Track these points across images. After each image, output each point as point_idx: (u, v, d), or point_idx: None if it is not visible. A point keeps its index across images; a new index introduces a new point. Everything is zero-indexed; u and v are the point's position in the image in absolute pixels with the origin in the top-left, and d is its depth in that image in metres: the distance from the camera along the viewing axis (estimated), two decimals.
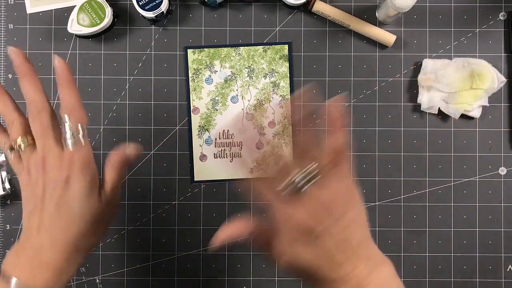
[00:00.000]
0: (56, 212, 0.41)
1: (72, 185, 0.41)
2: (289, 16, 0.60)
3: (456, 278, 0.59)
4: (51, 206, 0.41)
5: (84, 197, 0.42)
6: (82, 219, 0.42)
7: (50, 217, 0.41)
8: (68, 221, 0.41)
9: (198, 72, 0.60)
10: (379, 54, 0.60)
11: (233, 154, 0.60)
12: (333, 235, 0.40)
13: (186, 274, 0.60)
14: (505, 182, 0.60)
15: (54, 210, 0.41)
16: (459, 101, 0.58)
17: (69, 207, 0.41)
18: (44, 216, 0.41)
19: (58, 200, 0.41)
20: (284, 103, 0.52)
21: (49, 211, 0.41)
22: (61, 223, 0.41)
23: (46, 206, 0.41)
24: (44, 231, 0.41)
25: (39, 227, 0.41)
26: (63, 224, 0.41)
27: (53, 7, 0.60)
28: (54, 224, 0.41)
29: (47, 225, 0.41)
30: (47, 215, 0.41)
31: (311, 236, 0.40)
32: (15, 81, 0.60)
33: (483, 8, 0.60)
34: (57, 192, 0.41)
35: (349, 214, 0.41)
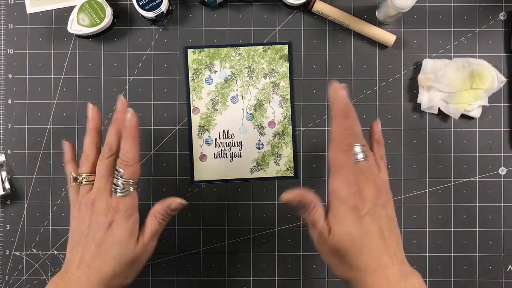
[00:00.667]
0: (96, 251, 0.46)
1: (114, 230, 0.46)
2: (289, 16, 0.60)
3: (456, 278, 0.59)
4: (92, 245, 0.46)
5: (123, 242, 0.47)
6: (117, 261, 0.46)
7: (90, 255, 0.46)
8: (105, 261, 0.46)
9: (198, 72, 0.60)
10: (379, 54, 0.60)
11: (233, 154, 0.60)
12: (377, 219, 0.43)
13: (186, 274, 0.60)
14: (505, 182, 0.60)
15: (94, 249, 0.46)
16: (459, 101, 0.58)
17: (108, 249, 0.46)
18: (85, 253, 0.46)
19: (99, 241, 0.46)
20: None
21: (90, 249, 0.46)
22: (99, 262, 0.46)
23: (89, 244, 0.46)
24: (83, 267, 0.46)
25: (79, 263, 0.46)
26: (100, 263, 0.46)
27: (53, 7, 0.60)
28: (93, 262, 0.46)
29: (87, 261, 0.46)
30: (88, 253, 0.46)
31: (358, 213, 0.43)
32: (15, 81, 0.60)
33: (483, 8, 0.60)
34: (100, 234, 0.46)
35: (390, 207, 0.45)
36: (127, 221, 0.47)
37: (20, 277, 0.60)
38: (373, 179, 0.44)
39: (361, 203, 0.43)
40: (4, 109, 0.60)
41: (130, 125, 0.48)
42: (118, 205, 0.47)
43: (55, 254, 0.60)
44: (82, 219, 0.47)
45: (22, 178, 0.60)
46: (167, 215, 0.50)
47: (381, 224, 0.43)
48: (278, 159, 0.60)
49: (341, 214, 0.43)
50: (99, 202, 0.47)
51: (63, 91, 0.60)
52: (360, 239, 0.42)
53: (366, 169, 0.44)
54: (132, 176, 0.48)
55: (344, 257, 0.43)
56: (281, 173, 0.60)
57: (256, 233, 0.60)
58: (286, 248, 0.60)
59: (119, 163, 0.48)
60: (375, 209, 0.43)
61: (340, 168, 0.43)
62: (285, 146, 0.60)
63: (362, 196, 0.43)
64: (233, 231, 0.60)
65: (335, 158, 0.44)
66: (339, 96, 0.44)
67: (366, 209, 0.43)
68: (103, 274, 0.46)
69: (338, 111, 0.44)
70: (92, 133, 0.51)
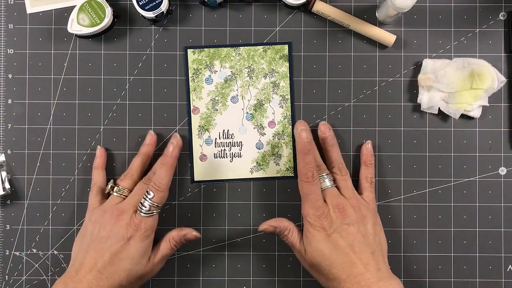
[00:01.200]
0: (110, 261, 0.50)
1: (131, 246, 0.50)
2: (289, 16, 0.60)
3: (456, 278, 0.59)
4: (107, 254, 0.50)
5: (136, 258, 0.50)
6: (127, 274, 0.50)
7: (103, 263, 0.49)
8: (116, 272, 0.50)
9: (198, 72, 0.60)
10: (379, 54, 0.60)
11: (233, 154, 0.60)
12: (346, 236, 0.50)
13: (186, 274, 0.60)
14: (505, 182, 0.60)
15: (108, 258, 0.50)
16: (459, 101, 0.58)
17: (121, 262, 0.50)
18: (99, 259, 0.50)
19: (115, 252, 0.50)
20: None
21: (104, 257, 0.50)
22: (111, 271, 0.49)
23: (104, 251, 0.50)
24: (95, 272, 0.49)
25: (91, 268, 0.49)
26: (111, 273, 0.49)
27: (53, 7, 0.60)
28: (105, 269, 0.49)
29: (99, 268, 0.49)
30: (101, 260, 0.50)
31: (325, 232, 0.50)
32: (15, 81, 0.60)
33: (483, 8, 0.60)
34: (117, 246, 0.50)
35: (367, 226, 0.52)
36: (144, 240, 0.51)
37: (20, 277, 0.59)
38: (336, 202, 0.52)
39: (327, 224, 0.50)
40: (4, 109, 0.60)
41: (170, 155, 0.53)
42: (140, 223, 0.51)
43: (55, 254, 0.60)
44: (103, 226, 0.51)
45: (22, 178, 0.60)
46: (180, 242, 0.55)
47: (349, 240, 0.50)
48: (278, 159, 0.60)
49: (311, 235, 0.51)
50: (125, 216, 0.51)
51: (63, 91, 0.60)
52: (329, 254, 0.50)
53: (333, 194, 0.53)
54: (159, 201, 0.52)
55: (320, 271, 0.51)
56: (281, 173, 0.60)
57: (256, 233, 0.60)
58: (286, 248, 0.60)
59: (151, 187, 0.52)
60: (342, 227, 0.50)
61: (306, 196, 0.52)
62: (285, 146, 0.60)
63: (328, 218, 0.51)
64: (233, 231, 0.60)
65: (302, 188, 0.52)
66: (300, 136, 0.52)
67: (333, 228, 0.50)
68: (111, 283, 0.49)
69: (300, 149, 0.52)
70: (144, 157, 0.57)
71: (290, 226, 0.54)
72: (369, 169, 0.58)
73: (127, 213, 0.52)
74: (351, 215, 0.51)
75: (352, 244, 0.50)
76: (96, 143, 0.60)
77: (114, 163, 0.60)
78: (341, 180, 0.55)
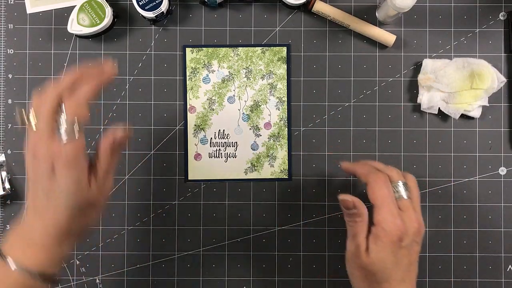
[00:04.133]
0: (46, 199, 0.42)
1: (58, 178, 0.42)
2: (289, 16, 0.60)
3: (456, 278, 0.59)
4: (41, 194, 0.43)
5: (70, 188, 0.42)
6: (70, 209, 0.42)
7: (40, 203, 0.43)
8: (56, 208, 0.42)
9: (195, 71, 0.60)
10: (379, 54, 0.60)
11: (228, 154, 0.60)
12: (411, 254, 0.48)
13: (186, 274, 0.60)
14: (505, 182, 0.60)
15: (43, 197, 0.42)
16: (459, 101, 0.58)
17: (57, 199, 0.42)
18: (36, 201, 0.43)
19: (46, 190, 0.42)
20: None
21: (40, 197, 0.43)
22: (50, 209, 0.42)
23: (38, 192, 0.43)
24: (37, 215, 0.43)
25: (33, 211, 0.43)
26: (52, 210, 0.42)
27: (53, 7, 0.60)
28: (44, 209, 0.43)
29: (39, 209, 0.43)
30: (38, 200, 0.43)
31: (398, 244, 0.46)
32: (15, 81, 0.60)
33: (483, 8, 0.60)
34: (45, 181, 0.42)
35: (421, 243, 0.49)
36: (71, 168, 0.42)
37: None
38: (416, 218, 0.47)
39: (405, 236, 0.46)
40: (4, 109, 0.60)
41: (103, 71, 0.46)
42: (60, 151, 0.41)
43: None
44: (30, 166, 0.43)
45: (22, 178, 0.60)
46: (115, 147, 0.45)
47: (411, 258, 0.48)
48: (273, 161, 0.60)
49: (383, 241, 0.46)
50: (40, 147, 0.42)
51: None
52: (391, 268, 0.46)
53: (408, 207, 0.48)
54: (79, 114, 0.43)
55: (369, 276, 0.47)
56: (275, 175, 0.60)
57: (256, 233, 0.60)
58: (286, 248, 0.60)
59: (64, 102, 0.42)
60: (411, 244, 0.47)
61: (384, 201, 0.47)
62: (280, 148, 0.60)
63: (405, 231, 0.46)
64: (233, 231, 0.60)
65: (377, 192, 0.47)
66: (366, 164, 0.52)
67: (405, 242, 0.46)
68: (57, 221, 0.43)
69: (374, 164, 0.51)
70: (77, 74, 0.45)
71: (365, 217, 0.48)
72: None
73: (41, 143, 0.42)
74: (422, 233, 0.48)
75: (411, 263, 0.48)
76: (96, 143, 0.60)
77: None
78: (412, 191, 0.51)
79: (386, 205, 0.47)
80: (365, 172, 0.50)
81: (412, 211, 0.48)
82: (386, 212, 0.46)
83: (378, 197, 0.47)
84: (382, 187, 0.47)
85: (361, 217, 0.48)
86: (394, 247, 0.46)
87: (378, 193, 0.47)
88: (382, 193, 0.47)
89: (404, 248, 0.46)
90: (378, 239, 0.47)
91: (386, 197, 0.47)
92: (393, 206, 0.47)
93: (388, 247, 0.46)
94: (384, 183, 0.48)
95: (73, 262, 0.60)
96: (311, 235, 0.60)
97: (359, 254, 0.47)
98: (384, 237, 0.46)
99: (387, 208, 0.46)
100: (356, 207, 0.48)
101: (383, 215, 0.46)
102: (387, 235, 0.46)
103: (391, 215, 0.46)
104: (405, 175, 0.50)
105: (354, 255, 0.48)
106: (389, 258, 0.46)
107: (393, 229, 0.46)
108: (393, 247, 0.46)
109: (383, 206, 0.47)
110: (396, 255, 0.46)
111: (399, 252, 0.46)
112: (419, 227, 0.47)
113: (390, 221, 0.46)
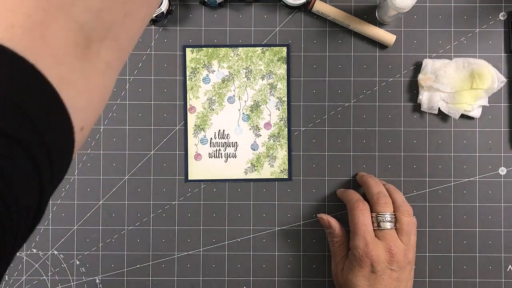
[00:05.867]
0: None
1: None
2: (289, 16, 0.60)
3: (456, 278, 0.59)
4: None
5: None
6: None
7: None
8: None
9: (195, 71, 0.60)
10: (379, 54, 0.60)
11: (227, 154, 0.60)
12: (385, 279, 0.50)
13: (186, 274, 0.60)
14: (505, 182, 0.60)
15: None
16: (459, 101, 0.58)
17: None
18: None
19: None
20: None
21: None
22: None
23: None
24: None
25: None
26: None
27: None
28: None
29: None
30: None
31: (370, 269, 0.50)
32: None
33: (483, 8, 0.60)
34: None
35: (406, 272, 0.51)
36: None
37: (20, 277, 0.60)
38: (391, 246, 0.50)
39: (375, 263, 0.49)
40: None
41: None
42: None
43: (55, 254, 0.60)
44: None
45: None
46: None
47: (386, 284, 0.50)
48: (273, 161, 0.60)
49: (355, 266, 0.50)
50: None
51: None
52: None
53: (389, 236, 0.51)
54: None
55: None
56: (275, 175, 0.60)
57: (256, 233, 0.60)
58: (286, 248, 0.60)
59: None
60: (385, 270, 0.50)
61: (358, 229, 0.51)
62: (280, 148, 0.60)
63: (376, 259, 0.49)
64: (233, 231, 0.60)
65: (354, 217, 0.52)
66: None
67: (378, 268, 0.49)
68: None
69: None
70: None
71: (341, 238, 0.54)
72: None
73: None
74: (399, 261, 0.50)
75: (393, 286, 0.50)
76: (96, 143, 0.60)
77: (114, 163, 0.60)
78: (403, 222, 0.53)
79: (360, 233, 0.50)
80: (348, 199, 0.54)
81: (391, 240, 0.50)
82: (359, 239, 0.50)
83: (355, 224, 0.51)
84: (359, 216, 0.51)
85: (337, 237, 0.53)
86: (365, 272, 0.50)
87: (354, 220, 0.51)
88: (358, 221, 0.51)
89: (375, 273, 0.50)
90: (350, 262, 0.51)
91: (361, 225, 0.51)
92: (368, 235, 0.50)
93: (359, 272, 0.50)
94: (361, 211, 0.51)
95: (73, 262, 0.60)
96: (311, 235, 0.60)
97: (336, 273, 0.53)
98: (355, 262, 0.50)
99: (360, 236, 0.50)
100: (331, 227, 0.53)
101: (355, 242, 0.51)
102: (357, 260, 0.50)
103: (363, 243, 0.50)
104: (401, 206, 0.53)
105: (333, 274, 0.54)
106: (361, 281, 0.50)
107: (362, 255, 0.50)
108: (364, 272, 0.50)
109: (357, 234, 0.51)
110: (367, 279, 0.50)
111: (370, 277, 0.50)
112: (393, 256, 0.50)
113: (360, 248, 0.50)
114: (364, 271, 0.50)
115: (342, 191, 0.57)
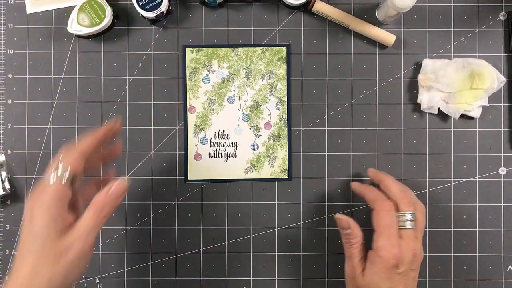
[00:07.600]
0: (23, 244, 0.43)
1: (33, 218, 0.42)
2: (289, 16, 0.60)
3: (456, 278, 0.59)
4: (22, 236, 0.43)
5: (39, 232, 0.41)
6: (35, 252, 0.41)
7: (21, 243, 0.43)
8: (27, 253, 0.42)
9: (195, 71, 0.60)
10: (379, 54, 0.60)
11: (228, 154, 0.60)
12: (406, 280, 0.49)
13: (186, 274, 0.60)
14: (505, 182, 0.60)
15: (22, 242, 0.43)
16: (459, 101, 0.58)
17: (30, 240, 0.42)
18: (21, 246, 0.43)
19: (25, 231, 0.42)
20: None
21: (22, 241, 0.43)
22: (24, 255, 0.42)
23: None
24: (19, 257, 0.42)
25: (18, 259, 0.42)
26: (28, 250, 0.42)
27: (53, 7, 0.60)
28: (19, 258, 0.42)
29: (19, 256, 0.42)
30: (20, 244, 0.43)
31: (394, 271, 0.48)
32: (15, 81, 0.60)
33: (483, 8, 0.60)
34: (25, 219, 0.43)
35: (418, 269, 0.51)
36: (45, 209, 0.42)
37: None
38: (413, 247, 0.49)
39: (401, 264, 0.48)
40: (4, 109, 0.60)
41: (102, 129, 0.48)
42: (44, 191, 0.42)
43: None
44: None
45: (22, 178, 0.60)
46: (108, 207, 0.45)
47: (407, 283, 0.49)
48: (273, 161, 0.60)
49: (378, 267, 0.49)
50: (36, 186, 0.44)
51: (63, 91, 0.60)
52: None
53: (410, 236, 0.50)
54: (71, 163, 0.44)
55: None
56: (275, 175, 0.60)
57: (256, 233, 0.60)
58: (286, 248, 0.60)
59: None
60: (407, 271, 0.49)
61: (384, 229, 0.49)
62: (280, 148, 0.60)
63: (401, 259, 0.48)
64: (233, 231, 0.60)
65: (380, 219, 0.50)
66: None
67: (401, 270, 0.48)
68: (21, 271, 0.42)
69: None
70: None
71: (360, 239, 0.52)
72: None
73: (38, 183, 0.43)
74: (418, 261, 0.50)
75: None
76: None
77: (114, 163, 0.60)
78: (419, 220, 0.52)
79: (386, 233, 0.49)
80: (372, 198, 0.52)
81: (412, 240, 0.50)
82: (385, 240, 0.49)
83: (380, 224, 0.50)
84: (385, 216, 0.50)
85: (356, 238, 0.51)
86: (389, 273, 0.48)
87: (380, 221, 0.50)
88: (384, 221, 0.50)
89: (399, 274, 0.48)
90: (374, 264, 0.49)
91: (388, 226, 0.49)
92: (393, 235, 0.49)
93: (383, 273, 0.48)
94: (388, 212, 0.50)
95: None
96: (311, 235, 0.60)
97: (355, 276, 0.51)
98: (380, 264, 0.48)
99: (386, 237, 0.49)
100: (350, 228, 0.51)
101: (381, 243, 0.49)
102: (383, 262, 0.48)
103: (390, 244, 0.49)
104: (416, 204, 0.52)
105: (350, 277, 0.52)
106: (384, 283, 0.48)
107: (389, 257, 0.48)
108: (388, 273, 0.48)
109: (383, 234, 0.49)
110: (391, 280, 0.48)
111: (394, 278, 0.48)
112: (415, 256, 0.49)
113: (387, 250, 0.48)
114: (390, 273, 0.48)
115: (359, 186, 0.55)
